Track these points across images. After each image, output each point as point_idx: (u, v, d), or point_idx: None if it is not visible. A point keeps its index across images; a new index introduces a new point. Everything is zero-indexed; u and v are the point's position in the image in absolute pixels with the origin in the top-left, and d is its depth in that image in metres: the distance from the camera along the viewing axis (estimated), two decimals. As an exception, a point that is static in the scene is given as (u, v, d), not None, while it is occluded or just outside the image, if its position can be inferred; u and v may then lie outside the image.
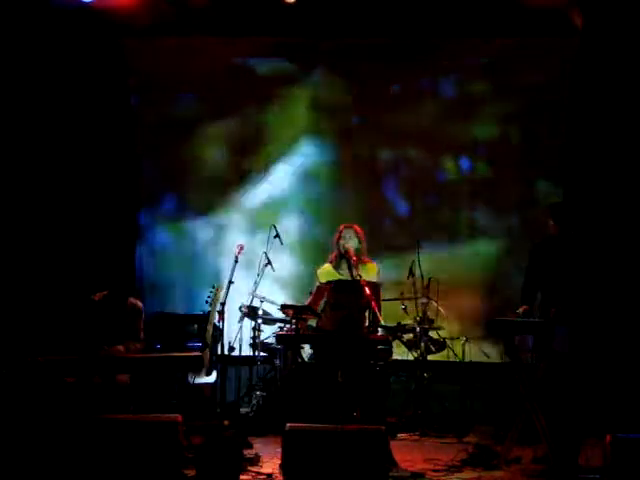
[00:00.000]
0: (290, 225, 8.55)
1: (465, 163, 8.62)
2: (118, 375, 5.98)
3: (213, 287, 7.07)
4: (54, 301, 7.87)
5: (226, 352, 6.98)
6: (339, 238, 6.40)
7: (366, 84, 8.58)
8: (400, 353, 7.63)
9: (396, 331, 7.53)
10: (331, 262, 6.44)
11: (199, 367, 6.72)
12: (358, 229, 6.48)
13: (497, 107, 8.51)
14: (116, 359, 5.89)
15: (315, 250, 8.19)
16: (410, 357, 7.61)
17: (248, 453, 5.83)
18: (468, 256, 8.49)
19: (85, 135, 8.44)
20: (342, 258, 6.32)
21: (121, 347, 6.21)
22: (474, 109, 8.53)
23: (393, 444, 5.84)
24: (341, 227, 6.50)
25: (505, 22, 8.01)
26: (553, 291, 6.11)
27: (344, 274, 6.34)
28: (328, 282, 6.36)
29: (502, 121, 8.50)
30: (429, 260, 7.85)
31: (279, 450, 5.11)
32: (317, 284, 6.62)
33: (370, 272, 6.30)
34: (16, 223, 8.06)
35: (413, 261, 7.59)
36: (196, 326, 7.72)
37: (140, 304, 6.53)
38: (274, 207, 8.66)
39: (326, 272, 6.42)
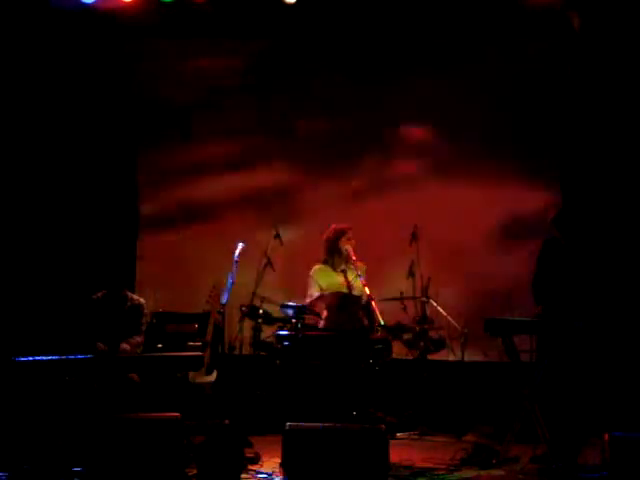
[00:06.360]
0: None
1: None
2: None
3: (213, 287, 7.08)
4: (53, 300, 7.90)
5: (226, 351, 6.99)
6: (343, 239, 6.46)
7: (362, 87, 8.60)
8: (400, 353, 7.65)
9: (396, 331, 7.55)
10: (326, 262, 6.46)
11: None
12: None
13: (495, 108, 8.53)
14: (119, 359, 5.92)
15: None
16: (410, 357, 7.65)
17: (248, 452, 5.85)
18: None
19: (85, 138, 8.46)
20: (341, 258, 6.36)
21: (126, 346, 6.25)
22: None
23: (393, 443, 5.85)
24: (345, 227, 6.57)
25: (503, 25, 8.03)
26: (558, 292, 6.15)
27: (341, 274, 6.38)
28: (337, 294, 6.38)
29: (501, 122, 8.52)
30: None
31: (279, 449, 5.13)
32: (313, 285, 6.62)
33: (362, 271, 6.40)
34: (15, 221, 8.10)
35: (412, 261, 7.62)
36: (196, 326, 7.73)
37: (141, 300, 6.61)
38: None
39: (323, 272, 6.44)
